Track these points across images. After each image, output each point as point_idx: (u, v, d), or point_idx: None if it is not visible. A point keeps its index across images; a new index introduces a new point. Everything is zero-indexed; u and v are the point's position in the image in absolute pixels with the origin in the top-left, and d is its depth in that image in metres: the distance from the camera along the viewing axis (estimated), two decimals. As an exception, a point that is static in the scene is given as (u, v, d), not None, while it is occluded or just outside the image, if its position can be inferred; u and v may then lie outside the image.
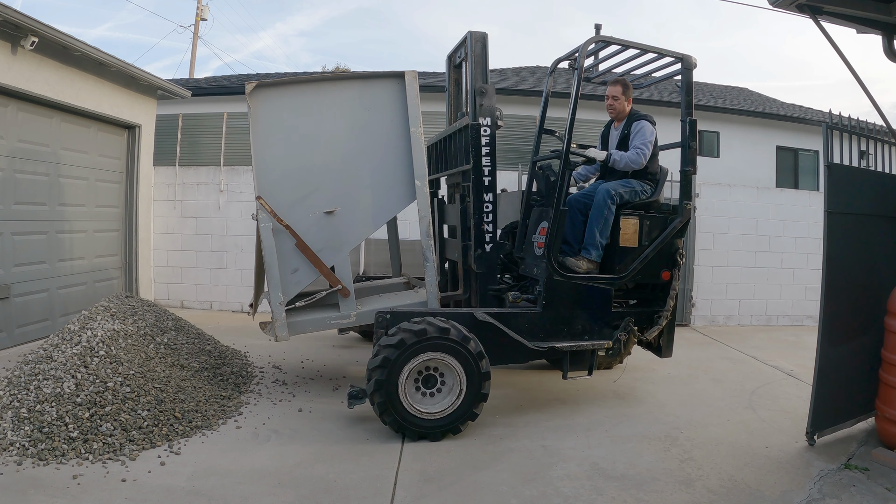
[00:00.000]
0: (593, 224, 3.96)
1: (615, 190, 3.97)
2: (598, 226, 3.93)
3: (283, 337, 3.88)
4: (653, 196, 4.10)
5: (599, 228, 3.93)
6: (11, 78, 5.00)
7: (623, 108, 4.20)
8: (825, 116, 3.45)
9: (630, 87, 4.24)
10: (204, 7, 18.57)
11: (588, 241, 3.97)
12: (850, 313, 3.46)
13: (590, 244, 3.96)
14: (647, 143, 4.01)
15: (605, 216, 3.92)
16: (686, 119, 3.98)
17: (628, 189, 4.02)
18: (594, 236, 3.94)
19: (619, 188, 3.99)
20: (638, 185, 4.07)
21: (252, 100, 3.80)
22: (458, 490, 2.82)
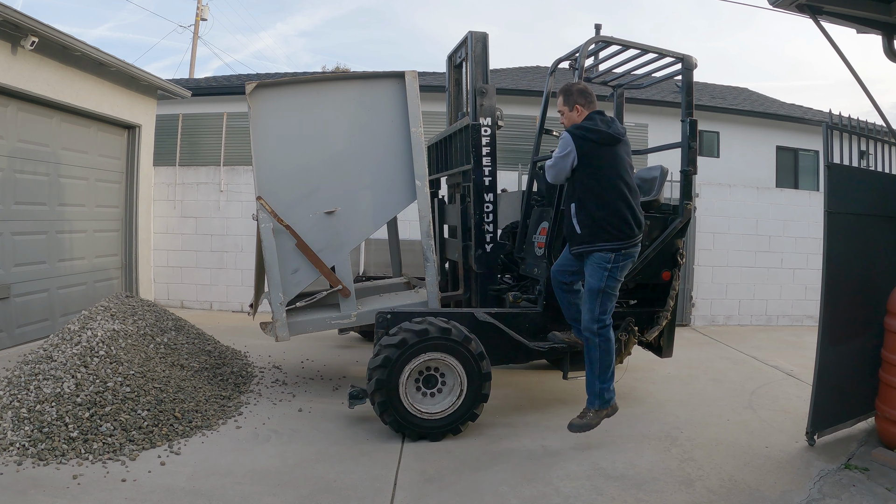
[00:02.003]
0: (589, 303, 3.26)
1: (603, 262, 3.19)
2: (595, 306, 3.25)
3: (284, 337, 3.89)
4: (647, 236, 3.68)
5: (596, 309, 3.25)
6: (11, 78, 5.00)
7: (573, 120, 3.35)
8: (825, 116, 3.45)
9: (574, 93, 3.32)
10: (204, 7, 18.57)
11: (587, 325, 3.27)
12: (850, 313, 3.46)
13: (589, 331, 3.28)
14: (557, 157, 3.25)
15: (603, 294, 3.24)
16: (686, 119, 3.98)
17: (618, 248, 3.20)
18: (593, 315, 3.25)
19: (605, 254, 3.19)
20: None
21: (252, 100, 3.80)
22: (458, 490, 2.82)
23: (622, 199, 3.22)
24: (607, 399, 3.31)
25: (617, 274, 3.25)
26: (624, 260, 3.26)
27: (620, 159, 3.26)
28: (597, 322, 3.24)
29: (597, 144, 3.20)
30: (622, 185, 3.23)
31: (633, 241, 3.26)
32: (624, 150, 3.31)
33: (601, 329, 3.25)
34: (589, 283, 3.27)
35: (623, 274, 3.30)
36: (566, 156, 3.23)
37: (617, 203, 3.20)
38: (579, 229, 3.26)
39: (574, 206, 3.27)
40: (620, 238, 3.20)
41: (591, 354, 3.29)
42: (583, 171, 3.22)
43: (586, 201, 3.23)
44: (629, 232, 3.22)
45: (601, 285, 3.23)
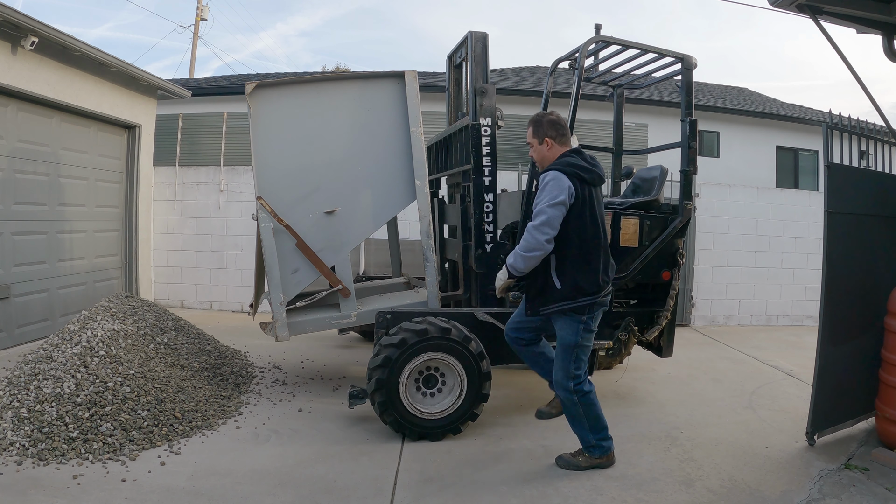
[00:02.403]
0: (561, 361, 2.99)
1: (577, 316, 2.90)
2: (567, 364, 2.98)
3: (284, 337, 3.88)
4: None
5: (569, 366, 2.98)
6: (11, 78, 5.00)
7: (542, 155, 3.01)
8: (825, 116, 3.45)
9: (545, 124, 2.98)
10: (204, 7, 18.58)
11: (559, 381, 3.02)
12: (850, 313, 3.46)
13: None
14: (548, 206, 2.75)
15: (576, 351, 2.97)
16: (686, 119, 3.98)
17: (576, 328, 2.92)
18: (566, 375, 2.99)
19: (572, 329, 2.92)
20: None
21: (252, 100, 3.80)
22: (458, 490, 2.82)
23: (605, 249, 2.95)
24: (606, 448, 3.09)
25: (592, 325, 2.96)
26: (599, 309, 2.98)
27: (601, 203, 3.01)
28: (572, 379, 2.95)
29: (588, 185, 2.84)
30: (602, 234, 2.94)
31: (606, 291, 2.98)
32: (602, 197, 3.06)
33: (577, 386, 2.96)
34: (562, 338, 2.95)
35: (597, 323, 3.01)
36: (561, 202, 2.74)
37: (597, 255, 2.89)
38: (559, 284, 2.86)
39: (554, 258, 2.86)
40: (595, 293, 2.89)
41: (571, 412, 3.02)
42: (570, 221, 2.81)
43: (569, 252, 2.83)
44: (603, 286, 2.94)
45: (576, 340, 2.91)
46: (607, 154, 5.00)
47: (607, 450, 3.10)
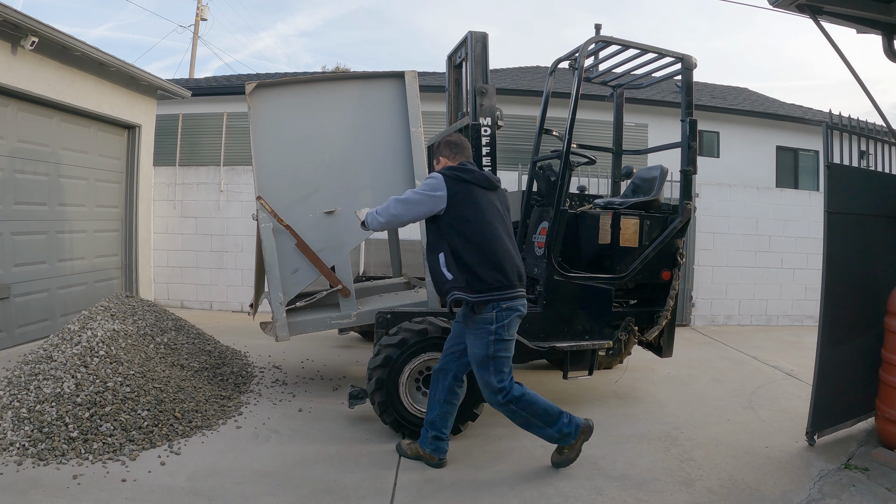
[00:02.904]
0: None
1: (484, 326, 2.85)
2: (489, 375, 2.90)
3: (284, 337, 3.88)
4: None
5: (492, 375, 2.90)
6: (11, 78, 5.00)
7: (435, 171, 3.07)
8: (825, 116, 3.45)
9: (442, 145, 3.12)
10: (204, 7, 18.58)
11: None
12: (850, 313, 3.46)
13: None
14: (413, 192, 2.94)
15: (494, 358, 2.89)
16: (686, 119, 3.98)
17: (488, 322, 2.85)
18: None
19: (485, 315, 2.85)
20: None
21: (252, 100, 3.80)
22: (458, 490, 2.82)
23: (500, 245, 2.87)
24: (574, 430, 2.99)
25: (504, 334, 2.86)
26: (508, 316, 2.86)
27: (495, 207, 2.97)
28: (500, 393, 2.87)
29: (471, 185, 2.91)
30: (500, 232, 2.90)
31: (514, 292, 2.87)
32: (500, 200, 3.04)
33: (507, 396, 2.87)
34: (473, 353, 2.90)
35: (511, 332, 2.89)
36: (431, 197, 2.86)
37: (494, 249, 2.84)
38: (450, 275, 2.84)
39: (442, 255, 2.87)
40: (499, 288, 2.82)
41: (518, 421, 2.96)
42: (454, 215, 2.86)
43: (458, 248, 2.84)
44: (507, 282, 2.84)
45: (488, 352, 2.86)
46: (607, 154, 5.01)
47: (577, 427, 3.00)
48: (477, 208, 2.89)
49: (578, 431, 3.02)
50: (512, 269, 2.89)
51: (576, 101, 3.83)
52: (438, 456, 3.07)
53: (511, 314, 2.88)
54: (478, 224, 2.86)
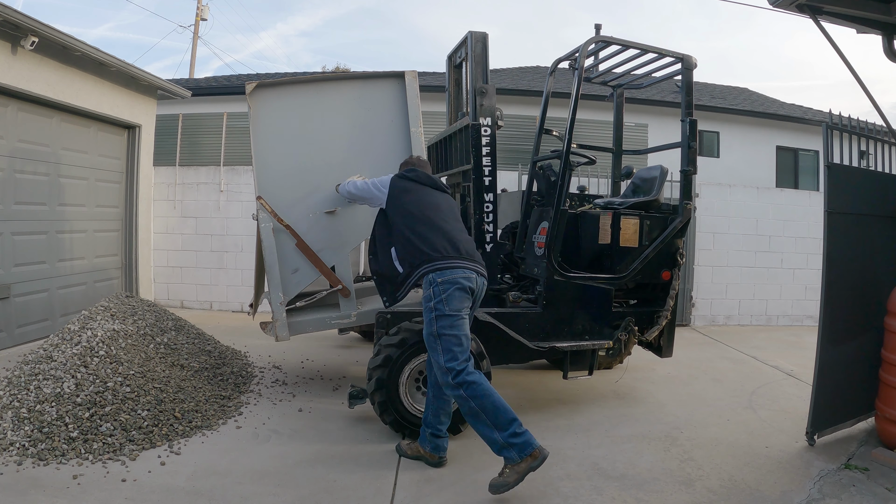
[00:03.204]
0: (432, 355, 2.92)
1: (426, 304, 2.93)
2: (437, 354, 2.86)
3: (284, 337, 3.88)
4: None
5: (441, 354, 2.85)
6: (11, 78, 5.00)
7: None
8: (825, 116, 3.45)
9: (400, 165, 3.52)
10: (204, 7, 18.58)
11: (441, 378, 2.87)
12: (850, 313, 3.46)
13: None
14: (367, 180, 3.42)
15: (440, 338, 2.86)
16: (686, 119, 3.98)
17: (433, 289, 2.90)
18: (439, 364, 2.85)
19: (427, 293, 2.92)
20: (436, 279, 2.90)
21: (252, 100, 3.80)
22: (458, 490, 2.82)
23: (436, 227, 3.01)
24: (521, 446, 2.68)
25: (444, 308, 2.82)
26: (447, 289, 2.84)
27: (438, 204, 3.14)
28: (448, 373, 2.78)
29: (414, 182, 3.18)
30: (439, 221, 3.04)
31: (446, 262, 2.90)
32: (445, 201, 3.21)
33: (456, 378, 2.76)
34: (423, 334, 2.96)
35: (454, 306, 2.84)
36: (375, 192, 3.24)
37: (434, 232, 2.99)
38: (401, 268, 3.02)
39: (394, 250, 3.08)
40: (429, 260, 2.90)
41: (465, 410, 2.79)
42: (399, 211, 3.09)
43: (403, 237, 3.02)
44: (438, 255, 2.91)
45: (432, 329, 2.85)
46: (607, 154, 5.01)
47: (527, 445, 2.68)
48: (418, 202, 3.11)
49: (526, 452, 2.68)
50: (446, 244, 2.97)
51: (576, 101, 3.83)
52: (438, 454, 3.07)
53: (449, 287, 2.87)
54: (419, 214, 3.06)
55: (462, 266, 2.93)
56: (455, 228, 3.11)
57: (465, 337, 2.88)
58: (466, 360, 2.84)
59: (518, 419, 2.74)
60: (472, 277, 2.94)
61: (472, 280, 2.94)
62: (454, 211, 3.25)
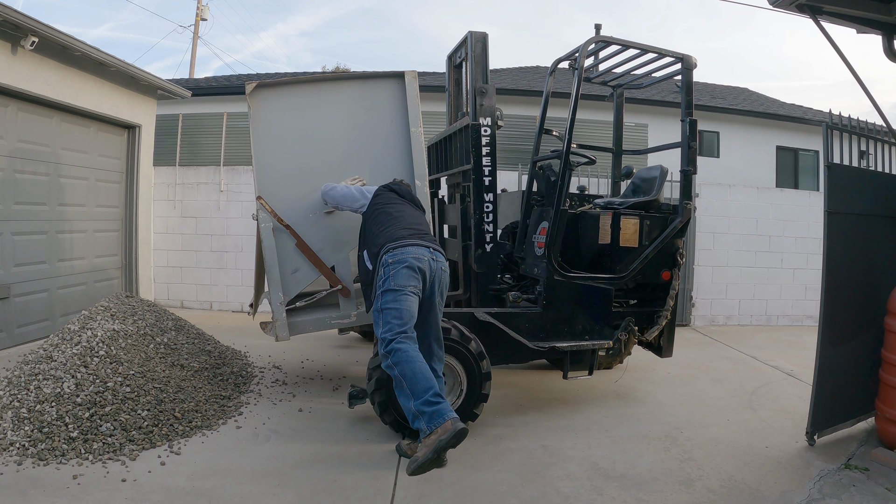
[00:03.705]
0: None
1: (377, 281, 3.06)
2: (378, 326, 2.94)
3: (284, 337, 3.88)
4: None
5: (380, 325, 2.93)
6: (11, 78, 5.00)
7: None
8: (825, 116, 3.45)
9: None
10: (204, 7, 18.58)
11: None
12: (850, 313, 3.46)
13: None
14: (353, 188, 3.54)
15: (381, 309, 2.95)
16: (686, 119, 3.98)
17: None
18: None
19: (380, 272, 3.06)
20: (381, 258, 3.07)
21: (252, 100, 3.80)
22: (458, 490, 2.82)
23: (401, 221, 3.19)
24: (432, 416, 2.64)
25: (390, 283, 2.92)
26: (395, 268, 2.94)
27: (409, 210, 3.35)
28: (381, 343, 2.88)
29: (396, 195, 3.43)
30: (405, 218, 3.22)
31: (403, 242, 3.03)
32: (418, 213, 3.42)
33: (386, 348, 2.83)
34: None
35: (399, 282, 2.91)
36: (363, 196, 3.43)
37: (395, 224, 3.17)
38: (370, 265, 3.16)
39: (366, 251, 3.24)
40: (383, 244, 3.06)
41: (394, 382, 2.83)
42: (371, 213, 3.32)
43: (371, 234, 3.22)
44: (391, 237, 3.07)
45: (377, 305, 2.96)
46: (607, 154, 5.01)
47: (437, 415, 2.62)
48: (391, 205, 3.33)
49: (436, 423, 2.61)
50: (402, 231, 3.11)
51: (576, 101, 3.83)
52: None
53: (398, 266, 2.97)
54: (386, 214, 3.25)
55: (415, 244, 3.04)
56: (416, 223, 3.27)
57: (406, 312, 2.90)
58: (401, 332, 2.86)
59: (436, 390, 2.72)
60: (423, 258, 3.01)
61: (422, 261, 3.00)
62: (426, 220, 3.47)
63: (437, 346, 3.17)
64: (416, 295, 2.98)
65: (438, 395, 2.71)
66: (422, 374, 2.75)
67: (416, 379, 2.72)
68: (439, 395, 2.72)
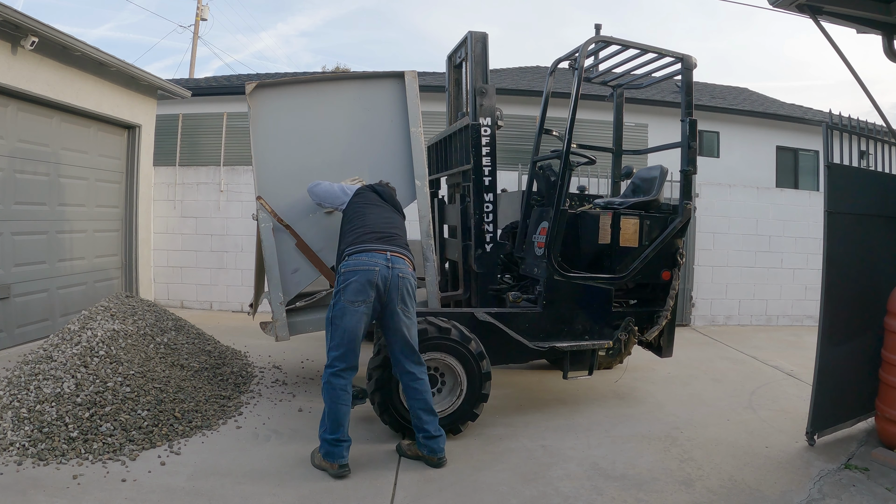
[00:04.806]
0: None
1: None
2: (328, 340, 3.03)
3: (284, 337, 3.89)
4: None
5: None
6: (11, 78, 5.00)
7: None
8: (825, 116, 3.45)
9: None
10: (204, 7, 18.58)
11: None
12: (850, 313, 3.46)
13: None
14: (336, 185, 3.53)
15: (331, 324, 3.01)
16: (686, 119, 3.98)
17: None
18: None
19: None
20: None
21: (252, 100, 3.80)
22: (458, 490, 2.82)
23: (369, 222, 3.17)
24: (329, 453, 2.89)
25: (340, 297, 2.93)
26: (348, 279, 2.92)
27: (385, 212, 3.32)
28: (326, 361, 2.98)
29: (377, 195, 3.43)
30: (375, 219, 3.21)
31: (360, 247, 3.00)
32: (395, 216, 3.39)
33: (326, 368, 2.96)
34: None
35: (348, 297, 2.90)
36: (345, 193, 3.44)
37: (363, 224, 3.16)
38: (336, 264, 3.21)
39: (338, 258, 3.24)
40: (348, 245, 3.07)
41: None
42: (347, 212, 3.34)
43: (340, 237, 3.26)
44: (359, 240, 3.05)
45: (328, 314, 3.00)
46: (607, 154, 5.01)
47: (330, 454, 2.89)
48: (367, 205, 3.32)
49: (329, 459, 2.90)
50: (364, 234, 3.09)
51: (576, 101, 3.83)
52: (436, 456, 3.06)
53: (349, 279, 2.94)
54: (359, 214, 3.25)
55: (371, 250, 3.00)
56: (385, 225, 3.21)
57: (349, 332, 2.93)
58: (340, 357, 2.95)
59: (340, 436, 2.91)
60: (375, 267, 2.94)
61: (373, 272, 2.93)
62: (402, 226, 3.39)
63: (405, 356, 3.08)
64: (366, 308, 2.94)
65: (339, 441, 2.91)
66: (335, 416, 2.93)
67: (331, 417, 2.93)
68: (341, 441, 2.92)
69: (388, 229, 3.19)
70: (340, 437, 2.91)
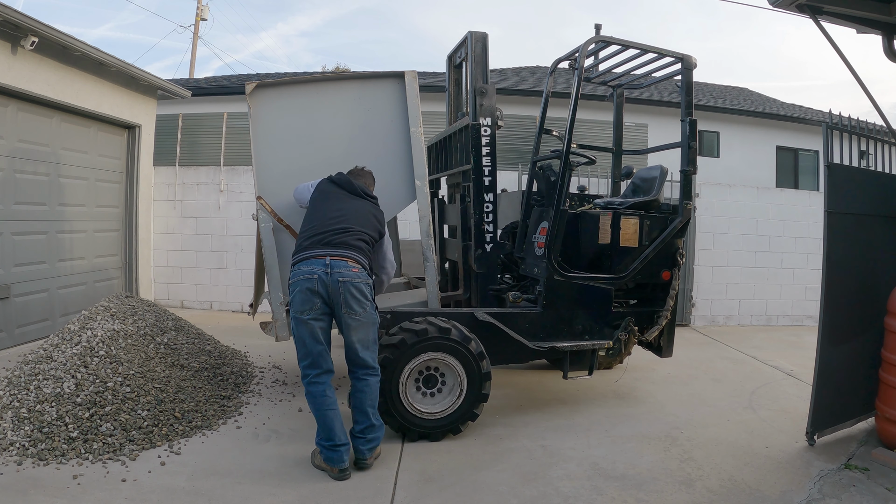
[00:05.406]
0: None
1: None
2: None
3: (284, 337, 3.88)
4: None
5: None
6: (11, 78, 5.00)
7: None
8: (825, 116, 3.45)
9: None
10: (204, 7, 18.58)
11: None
12: (850, 313, 3.46)
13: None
14: (307, 184, 3.48)
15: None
16: (686, 119, 3.98)
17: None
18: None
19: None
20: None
21: (252, 100, 3.80)
22: (458, 490, 2.82)
23: (321, 221, 3.09)
24: (328, 458, 2.91)
25: (293, 309, 2.93)
26: (293, 289, 2.93)
27: (343, 206, 3.18)
28: (301, 370, 3.00)
29: (335, 185, 3.32)
30: (329, 215, 3.11)
31: (301, 254, 2.98)
32: (358, 205, 3.24)
33: (304, 380, 2.98)
34: None
35: (297, 307, 2.91)
36: (308, 190, 3.39)
37: (313, 225, 3.10)
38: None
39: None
40: (294, 251, 3.07)
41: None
42: (307, 210, 3.29)
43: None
44: (301, 244, 3.04)
45: (291, 327, 3.01)
46: (607, 154, 5.01)
47: (329, 461, 2.90)
48: (324, 201, 3.23)
49: (328, 463, 2.91)
50: (307, 238, 3.04)
51: (576, 101, 3.83)
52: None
53: (294, 289, 2.94)
54: (314, 211, 3.19)
55: (309, 257, 2.95)
56: (337, 219, 3.09)
57: (309, 343, 2.92)
58: (309, 365, 2.95)
59: (336, 441, 2.91)
60: (313, 275, 2.88)
61: (312, 280, 2.87)
62: (360, 213, 3.20)
63: (355, 366, 3.05)
64: (316, 315, 2.90)
65: (336, 447, 2.91)
66: (323, 422, 2.93)
67: (321, 423, 2.95)
68: (337, 446, 2.91)
69: (335, 226, 3.05)
70: (336, 441, 2.90)
